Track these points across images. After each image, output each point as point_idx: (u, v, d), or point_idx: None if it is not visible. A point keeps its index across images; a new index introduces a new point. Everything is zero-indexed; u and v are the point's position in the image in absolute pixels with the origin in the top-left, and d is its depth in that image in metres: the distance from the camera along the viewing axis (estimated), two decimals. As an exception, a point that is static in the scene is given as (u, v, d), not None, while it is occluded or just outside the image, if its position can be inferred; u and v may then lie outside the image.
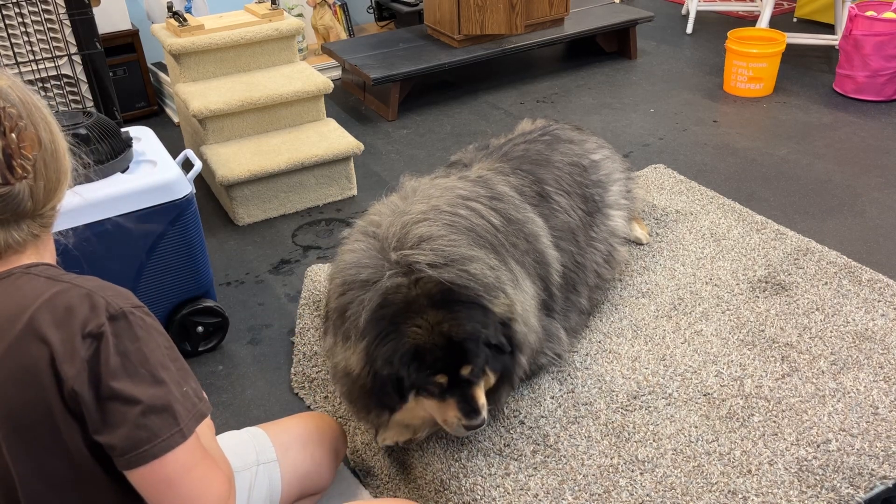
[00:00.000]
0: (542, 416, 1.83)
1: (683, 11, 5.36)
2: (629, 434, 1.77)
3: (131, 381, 1.04)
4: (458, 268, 1.57)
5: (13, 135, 1.04)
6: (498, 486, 1.66)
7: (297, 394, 2.24)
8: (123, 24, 4.02)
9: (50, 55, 2.71)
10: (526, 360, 1.75)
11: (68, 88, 2.76)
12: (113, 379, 1.02)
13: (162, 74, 4.21)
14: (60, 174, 1.13)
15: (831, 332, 2.05)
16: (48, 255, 1.16)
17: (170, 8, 3.51)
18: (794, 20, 5.17)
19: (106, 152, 2.11)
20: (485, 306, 1.57)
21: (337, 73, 4.64)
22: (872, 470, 1.64)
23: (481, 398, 1.59)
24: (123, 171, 2.18)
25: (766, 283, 2.27)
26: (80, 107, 2.78)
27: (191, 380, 1.12)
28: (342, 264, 1.68)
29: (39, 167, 1.08)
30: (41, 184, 1.09)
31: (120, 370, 1.03)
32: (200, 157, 3.23)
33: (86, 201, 1.95)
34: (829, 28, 4.90)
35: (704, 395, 1.87)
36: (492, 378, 1.65)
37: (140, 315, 1.08)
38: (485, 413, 1.58)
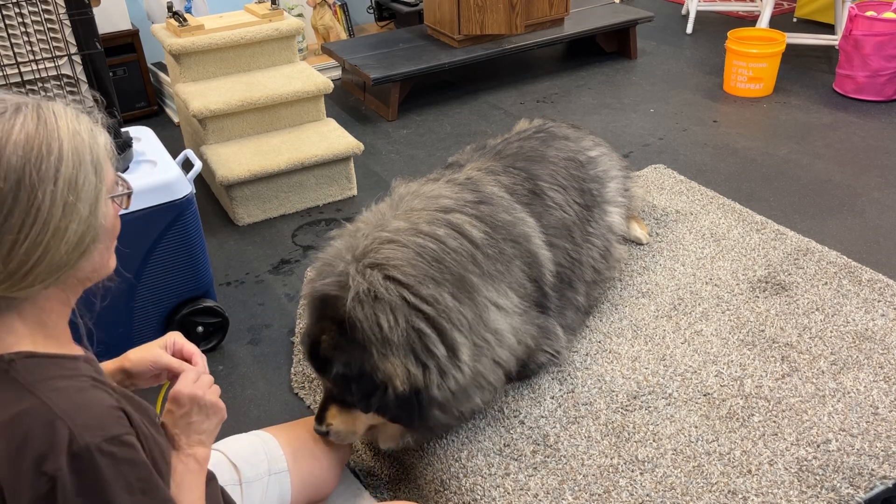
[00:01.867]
0: (542, 416, 1.83)
1: (683, 11, 5.36)
2: (629, 434, 1.77)
3: None
4: (374, 311, 1.55)
5: None
6: (498, 486, 1.66)
7: (297, 394, 2.24)
8: (123, 24, 4.02)
9: (50, 55, 2.71)
10: (478, 398, 1.72)
11: (68, 88, 2.76)
12: None
13: (162, 74, 4.21)
14: (44, 244, 0.96)
15: (831, 332, 2.05)
16: (43, 323, 1.03)
17: (170, 8, 3.51)
18: (794, 20, 5.18)
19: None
20: (370, 354, 1.56)
21: (337, 73, 4.64)
22: (872, 470, 1.64)
23: (334, 416, 1.65)
24: (123, 172, 2.18)
25: (766, 283, 2.27)
26: (80, 107, 2.77)
27: None
28: (320, 257, 1.77)
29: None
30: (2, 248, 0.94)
31: None
32: (200, 157, 3.23)
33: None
34: (829, 28, 4.90)
35: (704, 395, 1.87)
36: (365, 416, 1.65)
37: (109, 450, 0.94)
38: (328, 430, 1.66)
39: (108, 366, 1.34)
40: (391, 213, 1.76)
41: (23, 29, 2.62)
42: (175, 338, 1.33)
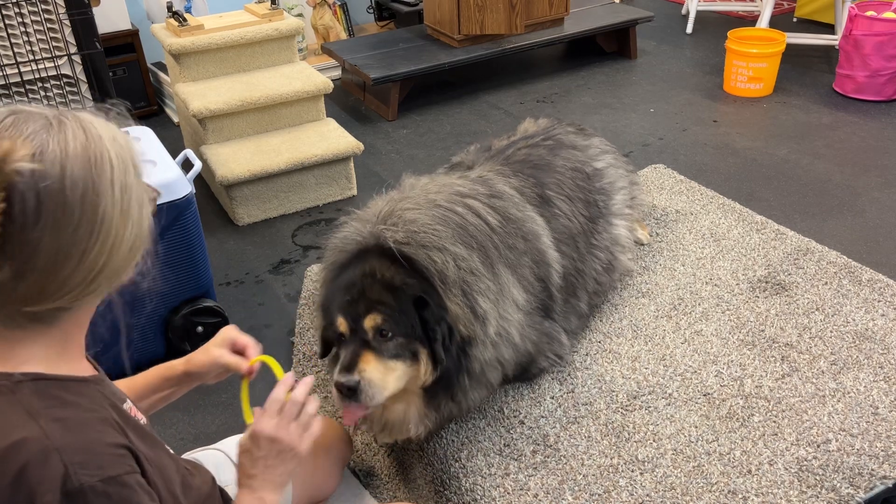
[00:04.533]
0: (542, 416, 1.83)
1: (683, 11, 5.36)
2: (629, 434, 1.77)
3: None
4: (424, 252, 1.51)
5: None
6: (498, 486, 1.66)
7: (297, 394, 2.23)
8: (123, 24, 4.02)
9: (50, 55, 2.71)
10: (494, 379, 1.70)
11: (68, 88, 2.76)
12: None
13: (162, 74, 4.21)
14: (109, 250, 0.96)
15: (831, 332, 2.05)
16: (64, 339, 1.01)
17: (170, 8, 3.51)
18: (794, 20, 5.18)
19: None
20: (435, 289, 1.50)
21: (337, 73, 4.64)
22: (872, 470, 1.64)
23: (368, 362, 1.49)
24: (123, 171, 2.18)
25: (766, 283, 2.27)
26: (80, 107, 2.78)
27: None
28: (332, 240, 1.72)
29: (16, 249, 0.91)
30: (26, 272, 0.92)
31: None
32: (200, 157, 3.23)
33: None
34: (829, 28, 4.90)
35: (704, 395, 1.87)
36: (423, 364, 1.54)
37: (106, 490, 0.91)
38: (359, 378, 1.48)
39: (175, 368, 1.38)
40: (405, 194, 1.76)
41: (23, 29, 2.62)
42: (230, 332, 1.37)
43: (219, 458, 1.52)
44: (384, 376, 1.50)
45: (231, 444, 1.58)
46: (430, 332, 1.52)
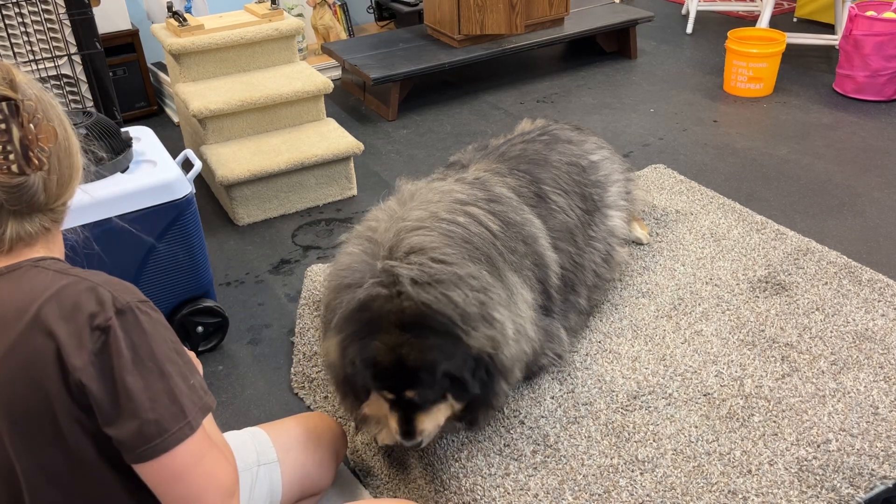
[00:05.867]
0: (542, 416, 1.83)
1: (683, 11, 5.36)
2: (629, 434, 1.77)
3: (140, 375, 1.04)
4: (439, 290, 1.52)
5: (31, 125, 1.06)
6: (498, 486, 1.66)
7: (297, 394, 2.24)
8: (123, 24, 4.02)
9: (50, 55, 2.71)
10: (518, 371, 1.72)
11: (68, 88, 2.76)
12: (123, 372, 1.03)
13: (162, 74, 4.21)
14: (73, 170, 1.15)
15: (831, 332, 2.05)
16: (57, 250, 1.18)
17: (170, 8, 3.51)
18: (794, 20, 5.17)
19: (106, 152, 2.11)
20: (457, 337, 1.54)
21: (337, 73, 4.64)
22: (872, 470, 1.64)
23: (423, 423, 1.59)
24: (123, 171, 2.18)
25: (766, 283, 2.27)
26: (80, 107, 2.78)
27: (196, 373, 1.13)
28: (336, 266, 1.71)
29: (53, 161, 1.11)
30: (54, 178, 1.11)
31: (129, 364, 1.04)
32: (200, 157, 3.23)
33: (87, 200, 1.95)
34: (829, 28, 4.90)
35: (704, 395, 1.87)
36: (455, 405, 1.63)
37: (146, 310, 1.09)
38: (421, 438, 1.60)
39: None
40: (407, 206, 1.75)
41: (23, 29, 2.62)
42: None
43: None
44: (435, 423, 1.62)
45: (228, 438, 1.59)
46: (459, 380, 1.58)
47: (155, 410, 1.05)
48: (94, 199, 2.02)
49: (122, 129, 2.26)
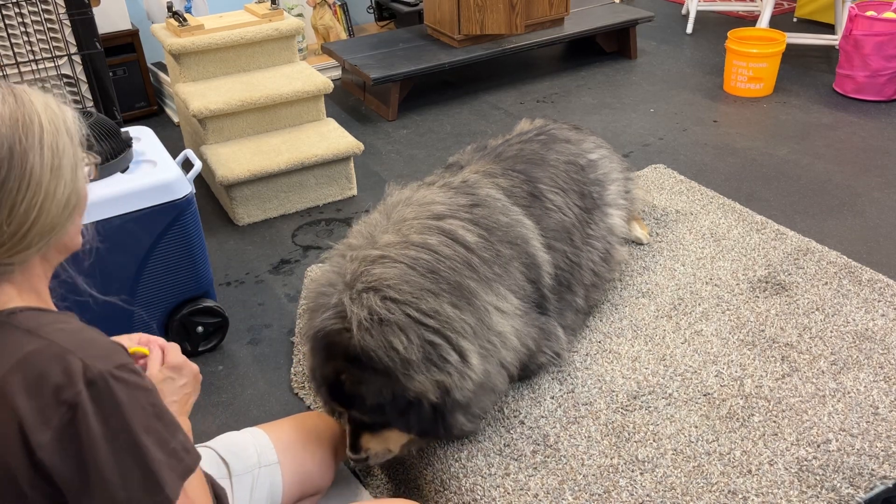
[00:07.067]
0: (542, 416, 1.83)
1: (683, 11, 5.36)
2: (629, 434, 1.77)
3: (112, 450, 0.97)
4: (383, 337, 1.55)
5: None
6: (498, 486, 1.66)
7: (297, 394, 2.24)
8: (123, 24, 4.02)
9: (50, 55, 2.71)
10: (485, 405, 1.73)
11: (68, 88, 2.76)
12: (92, 449, 0.96)
13: (162, 74, 4.21)
14: (35, 205, 1.03)
15: (831, 332, 2.05)
16: (32, 286, 1.09)
17: (170, 8, 3.51)
18: (794, 20, 5.18)
19: (106, 152, 2.11)
20: (395, 378, 1.56)
21: (337, 73, 4.64)
22: (872, 470, 1.64)
23: (368, 442, 1.66)
24: (123, 171, 2.18)
25: (766, 283, 2.27)
26: (80, 107, 2.78)
27: (178, 433, 1.06)
28: (313, 283, 1.78)
29: None
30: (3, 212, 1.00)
31: (99, 440, 0.96)
32: (200, 157, 3.23)
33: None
34: (829, 28, 4.90)
35: (704, 395, 1.87)
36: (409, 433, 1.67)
37: (122, 376, 1.00)
38: (366, 455, 1.67)
39: None
40: (382, 226, 1.77)
41: (23, 29, 2.62)
42: (141, 336, 1.38)
43: (207, 454, 1.55)
44: (384, 445, 1.68)
45: (221, 442, 1.60)
46: (400, 414, 1.61)
47: (126, 488, 0.97)
48: (94, 199, 2.03)
49: (122, 129, 2.26)
